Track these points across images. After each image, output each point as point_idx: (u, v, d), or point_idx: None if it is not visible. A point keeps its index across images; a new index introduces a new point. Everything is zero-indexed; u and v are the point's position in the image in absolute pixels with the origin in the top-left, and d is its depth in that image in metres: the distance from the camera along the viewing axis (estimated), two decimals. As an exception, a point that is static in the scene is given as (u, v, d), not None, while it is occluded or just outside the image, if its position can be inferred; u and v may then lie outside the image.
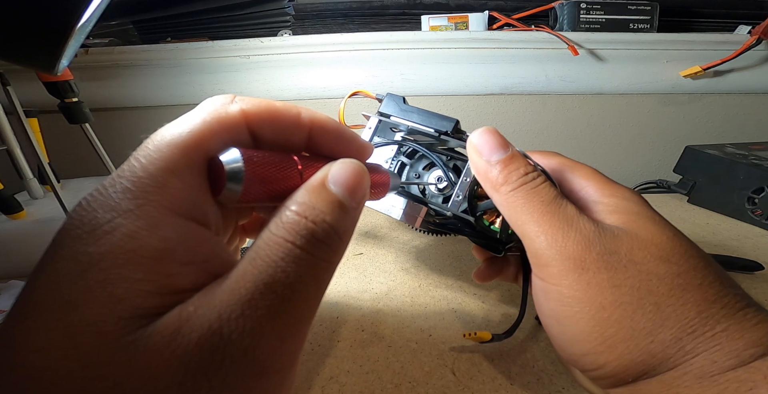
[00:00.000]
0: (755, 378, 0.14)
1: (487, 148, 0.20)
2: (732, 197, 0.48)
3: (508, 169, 0.19)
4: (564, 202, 0.18)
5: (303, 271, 0.12)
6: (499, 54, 0.58)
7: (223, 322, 0.10)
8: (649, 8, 0.58)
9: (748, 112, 0.65)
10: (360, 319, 0.30)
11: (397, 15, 0.61)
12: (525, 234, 0.19)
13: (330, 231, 0.13)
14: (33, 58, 0.26)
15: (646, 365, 0.16)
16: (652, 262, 0.17)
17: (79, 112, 0.41)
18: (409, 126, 0.25)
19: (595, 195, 0.20)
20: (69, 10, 0.24)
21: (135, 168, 0.11)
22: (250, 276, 0.11)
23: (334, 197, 0.13)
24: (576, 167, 0.22)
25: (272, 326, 0.11)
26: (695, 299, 0.16)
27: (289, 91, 0.59)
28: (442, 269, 0.37)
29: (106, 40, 0.58)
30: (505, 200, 0.19)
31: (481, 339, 0.26)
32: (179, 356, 0.10)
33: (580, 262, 0.17)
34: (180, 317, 0.10)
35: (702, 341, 0.15)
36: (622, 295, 0.16)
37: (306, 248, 0.12)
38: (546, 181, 0.19)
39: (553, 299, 0.18)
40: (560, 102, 0.63)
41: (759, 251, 0.40)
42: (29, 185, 0.43)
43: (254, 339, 0.11)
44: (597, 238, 0.17)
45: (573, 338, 0.17)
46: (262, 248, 0.12)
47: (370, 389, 0.24)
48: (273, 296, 0.11)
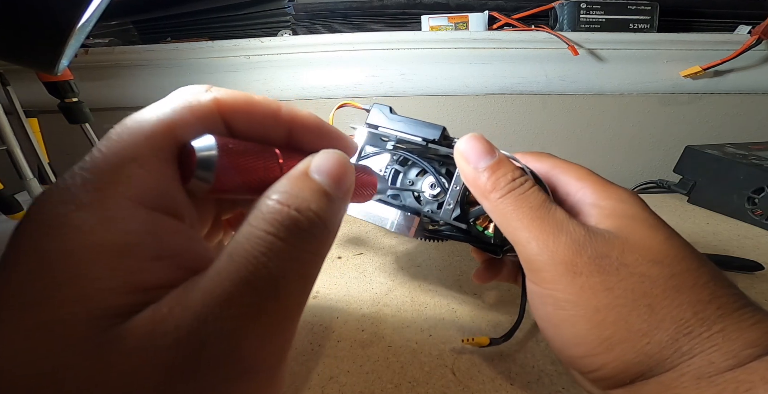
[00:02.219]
0: (753, 379, 0.14)
1: (474, 155, 0.20)
2: (732, 197, 0.48)
3: (495, 175, 0.19)
4: (553, 207, 0.18)
5: (287, 265, 0.11)
6: (499, 54, 0.58)
7: (200, 323, 0.10)
8: (649, 8, 0.58)
9: (748, 112, 0.65)
10: (360, 319, 0.30)
11: (397, 15, 0.61)
12: (516, 240, 0.19)
13: (315, 220, 0.12)
14: (33, 58, 0.26)
15: (644, 366, 0.16)
16: (644, 264, 0.17)
17: (79, 112, 0.41)
18: (397, 136, 0.25)
19: (591, 197, 0.20)
20: (69, 10, 0.24)
21: (96, 159, 0.11)
22: (228, 273, 0.10)
23: (318, 185, 0.13)
24: (570, 169, 0.22)
25: (254, 326, 0.11)
26: (690, 300, 0.16)
27: (289, 91, 0.59)
28: (442, 269, 0.37)
29: (106, 40, 0.58)
30: (495, 207, 0.19)
31: (480, 344, 0.26)
32: (154, 358, 0.10)
33: (572, 266, 0.17)
34: (153, 318, 0.10)
35: (699, 341, 0.15)
36: (616, 297, 0.16)
37: (290, 239, 0.11)
38: (534, 186, 0.19)
39: (549, 303, 0.18)
40: (560, 102, 0.63)
41: (759, 251, 0.40)
42: (29, 185, 0.42)
43: (235, 341, 0.10)
44: (587, 242, 0.17)
45: (570, 340, 0.17)
46: (241, 242, 0.11)
47: (370, 389, 0.24)
48: (254, 295, 0.10)
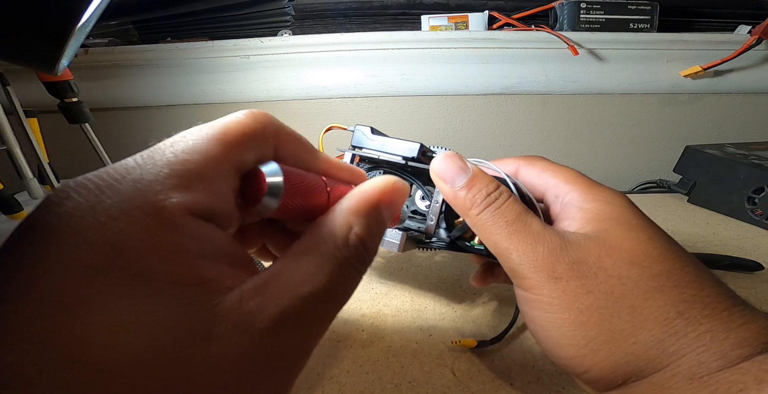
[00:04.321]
0: (745, 379, 0.14)
1: (449, 175, 0.21)
2: (732, 196, 0.48)
3: (471, 192, 0.20)
4: (528, 218, 0.19)
5: (351, 288, 0.14)
6: (499, 54, 0.58)
7: (284, 318, 0.11)
8: (649, 8, 0.58)
9: (748, 112, 0.65)
10: (360, 319, 0.30)
11: (397, 15, 0.61)
12: (497, 252, 0.19)
13: (373, 254, 0.15)
14: (33, 58, 0.26)
15: (633, 366, 0.16)
16: (622, 267, 0.17)
17: (79, 112, 0.41)
18: (378, 156, 0.25)
19: (578, 200, 0.20)
20: (69, 10, 0.24)
21: (174, 168, 0.11)
22: (313, 283, 0.12)
23: (384, 223, 0.15)
24: (559, 172, 0.22)
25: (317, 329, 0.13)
26: (673, 300, 0.16)
27: (289, 91, 0.59)
28: (442, 269, 0.37)
29: (106, 40, 0.58)
30: (476, 223, 0.20)
31: (468, 346, 0.26)
32: (248, 341, 0.11)
33: (553, 272, 0.18)
34: (242, 304, 0.11)
35: (686, 342, 0.16)
36: (597, 300, 0.17)
37: (361, 268, 0.14)
38: (510, 198, 0.20)
39: (535, 307, 0.18)
40: (560, 102, 0.63)
41: (759, 251, 0.40)
42: (29, 185, 0.43)
43: (308, 335, 0.12)
44: (564, 249, 0.18)
45: (558, 342, 0.18)
46: (322, 261, 0.13)
47: (370, 389, 0.24)
48: (324, 308, 0.13)
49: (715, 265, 0.36)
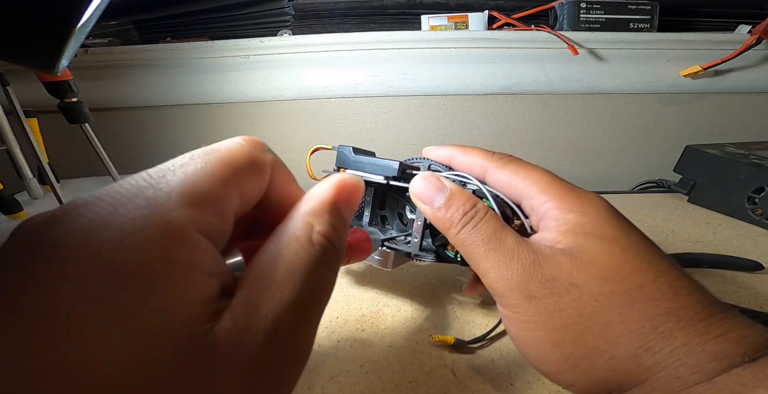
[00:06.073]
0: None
1: (428, 196, 0.21)
2: (732, 196, 0.48)
3: (449, 212, 0.20)
4: (504, 234, 0.19)
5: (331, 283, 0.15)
6: (499, 54, 0.58)
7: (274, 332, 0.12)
8: (649, 8, 0.58)
9: (748, 112, 0.65)
10: (360, 319, 0.30)
11: (396, 15, 0.61)
12: (477, 270, 0.20)
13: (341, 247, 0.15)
14: (33, 58, 0.26)
15: (613, 381, 0.16)
16: (594, 283, 0.17)
17: (79, 112, 0.41)
18: (361, 176, 0.25)
19: (553, 212, 0.20)
20: (69, 10, 0.24)
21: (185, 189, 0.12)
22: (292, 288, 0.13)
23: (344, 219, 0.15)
24: (531, 179, 0.21)
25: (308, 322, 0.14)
26: (647, 314, 0.16)
27: (289, 91, 0.59)
28: (442, 269, 0.37)
29: (106, 40, 0.58)
30: (456, 242, 0.20)
31: (446, 342, 0.27)
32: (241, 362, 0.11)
33: (526, 291, 0.18)
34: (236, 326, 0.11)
35: (662, 356, 0.15)
36: (569, 317, 0.17)
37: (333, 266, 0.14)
38: (486, 215, 0.20)
39: (515, 325, 0.19)
40: (560, 102, 0.63)
41: (759, 251, 0.40)
42: (29, 185, 0.43)
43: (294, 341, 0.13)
44: (536, 266, 0.18)
45: (539, 358, 0.18)
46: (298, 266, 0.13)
47: (370, 389, 0.24)
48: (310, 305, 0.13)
49: (715, 265, 0.36)
